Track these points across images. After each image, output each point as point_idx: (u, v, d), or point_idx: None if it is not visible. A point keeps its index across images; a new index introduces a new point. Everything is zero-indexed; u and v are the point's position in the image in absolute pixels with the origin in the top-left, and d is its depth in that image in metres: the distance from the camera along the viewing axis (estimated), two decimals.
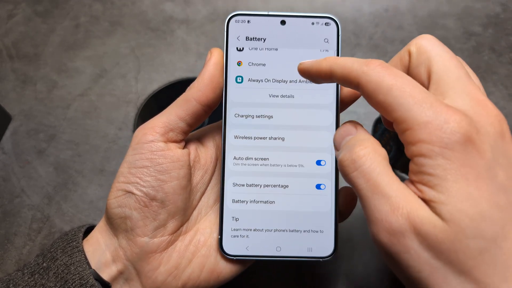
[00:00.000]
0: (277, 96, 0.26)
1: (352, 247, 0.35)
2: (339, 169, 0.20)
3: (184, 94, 0.25)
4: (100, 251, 0.24)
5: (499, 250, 0.16)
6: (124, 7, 0.49)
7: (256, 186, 0.26)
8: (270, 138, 0.26)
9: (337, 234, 0.25)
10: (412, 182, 0.18)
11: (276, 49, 0.26)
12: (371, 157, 0.19)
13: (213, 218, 0.27)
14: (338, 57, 0.22)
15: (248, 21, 0.26)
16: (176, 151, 0.25)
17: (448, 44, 0.46)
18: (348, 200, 0.26)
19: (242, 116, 0.26)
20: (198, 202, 0.27)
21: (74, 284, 0.23)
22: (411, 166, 0.18)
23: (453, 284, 0.16)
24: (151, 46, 0.46)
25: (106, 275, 0.24)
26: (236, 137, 0.26)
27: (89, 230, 0.26)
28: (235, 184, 0.26)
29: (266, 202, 0.26)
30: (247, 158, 0.26)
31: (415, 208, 0.17)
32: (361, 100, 0.27)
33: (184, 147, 0.26)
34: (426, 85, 0.20)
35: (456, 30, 0.47)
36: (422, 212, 0.17)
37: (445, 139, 0.17)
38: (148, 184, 0.24)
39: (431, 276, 0.17)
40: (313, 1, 0.49)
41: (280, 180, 0.26)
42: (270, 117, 0.26)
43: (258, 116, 0.26)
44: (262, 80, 0.26)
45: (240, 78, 0.26)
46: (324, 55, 0.25)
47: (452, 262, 0.16)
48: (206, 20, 0.48)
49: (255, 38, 0.26)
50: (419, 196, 0.17)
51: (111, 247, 0.24)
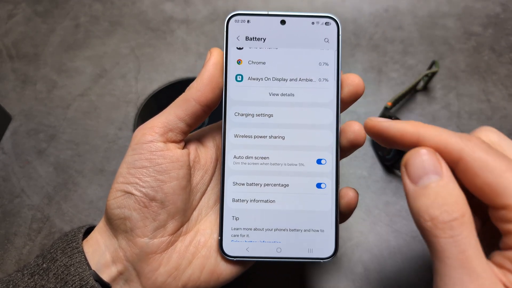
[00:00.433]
0: (277, 94, 0.26)
1: (352, 247, 0.35)
2: (416, 219, 0.18)
3: (183, 94, 0.25)
4: (100, 252, 0.24)
5: None
6: (124, 7, 0.49)
7: (257, 185, 0.26)
8: (270, 137, 0.26)
9: (337, 235, 0.25)
10: (500, 266, 0.18)
11: (276, 48, 0.26)
12: (469, 227, 0.17)
13: (213, 218, 0.27)
14: (423, 123, 0.20)
15: (248, 21, 0.26)
16: (175, 151, 0.24)
17: (448, 44, 0.46)
18: (348, 201, 0.26)
19: (242, 114, 0.26)
20: (198, 202, 0.27)
21: (74, 285, 0.23)
22: (506, 253, 0.18)
23: None
24: (151, 46, 0.46)
25: (106, 276, 0.24)
26: (236, 135, 0.26)
27: (89, 230, 0.26)
28: (235, 183, 0.26)
29: (266, 201, 0.26)
30: (247, 157, 0.26)
31: None
32: (361, 100, 0.27)
33: (184, 147, 0.26)
34: None
35: (456, 30, 0.47)
36: None
37: None
38: (147, 184, 0.24)
39: None
40: (313, 1, 0.49)
41: (280, 179, 0.26)
42: (270, 115, 0.26)
43: (258, 115, 0.26)
44: (262, 79, 0.26)
45: (240, 77, 0.26)
46: (324, 55, 0.25)
47: None
48: (206, 20, 0.48)
49: (255, 38, 0.26)
50: (504, 284, 0.17)
51: (111, 248, 0.24)
